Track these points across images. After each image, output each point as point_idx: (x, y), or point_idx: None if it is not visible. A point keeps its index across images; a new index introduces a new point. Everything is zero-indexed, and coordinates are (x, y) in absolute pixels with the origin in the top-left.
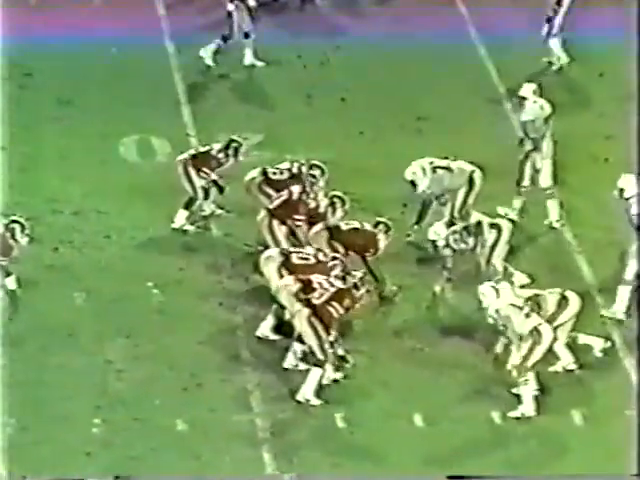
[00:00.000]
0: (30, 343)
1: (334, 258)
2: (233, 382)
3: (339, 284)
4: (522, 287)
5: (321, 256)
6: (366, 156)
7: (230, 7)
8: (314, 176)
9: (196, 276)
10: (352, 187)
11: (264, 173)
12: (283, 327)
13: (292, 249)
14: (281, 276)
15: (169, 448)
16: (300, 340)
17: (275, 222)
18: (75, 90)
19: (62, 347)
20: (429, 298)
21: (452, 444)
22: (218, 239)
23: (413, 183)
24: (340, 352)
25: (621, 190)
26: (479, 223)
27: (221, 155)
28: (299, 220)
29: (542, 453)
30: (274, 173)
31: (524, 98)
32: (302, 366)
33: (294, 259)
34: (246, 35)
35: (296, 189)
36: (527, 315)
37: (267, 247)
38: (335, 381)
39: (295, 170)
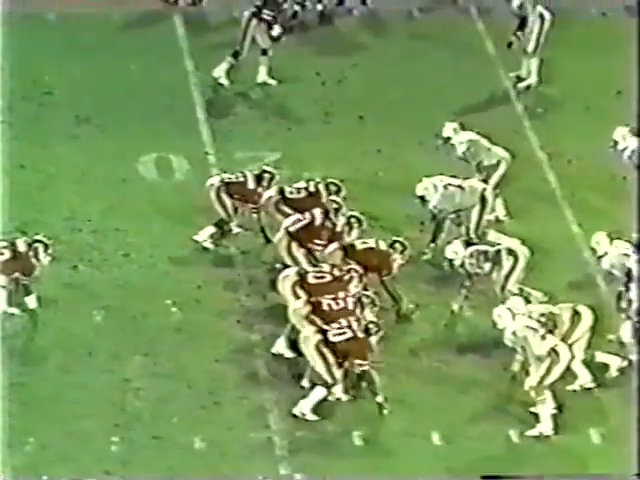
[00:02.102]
0: (49, 361)
1: (349, 270)
2: (251, 400)
3: (356, 328)
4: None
5: (336, 271)
6: (384, 174)
7: (244, 22)
8: (337, 202)
9: (214, 294)
10: (370, 205)
11: (281, 192)
12: (299, 345)
13: (309, 269)
14: (296, 295)
15: (187, 466)
16: None
17: (294, 244)
18: (94, 108)
19: (81, 365)
20: (446, 316)
21: (470, 462)
22: (236, 257)
23: (423, 198)
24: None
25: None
26: (498, 251)
27: (260, 189)
28: (319, 245)
29: (560, 472)
30: (291, 192)
31: (448, 138)
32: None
33: (310, 278)
34: (264, 52)
35: (319, 213)
36: (543, 337)
37: (286, 265)
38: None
39: (312, 189)
